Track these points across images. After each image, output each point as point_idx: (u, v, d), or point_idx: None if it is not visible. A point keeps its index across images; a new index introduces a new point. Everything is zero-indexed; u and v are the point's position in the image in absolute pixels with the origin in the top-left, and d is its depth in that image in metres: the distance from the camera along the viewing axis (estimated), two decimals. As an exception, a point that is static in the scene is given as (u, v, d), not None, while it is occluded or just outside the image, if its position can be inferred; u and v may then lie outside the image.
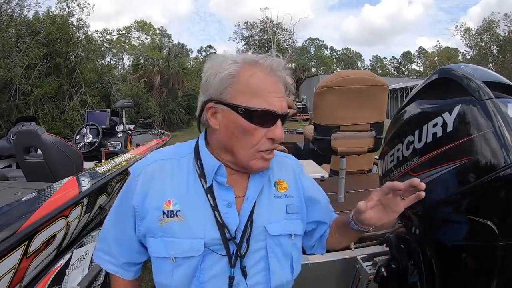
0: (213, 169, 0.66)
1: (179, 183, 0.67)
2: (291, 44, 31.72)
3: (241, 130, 0.62)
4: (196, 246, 0.62)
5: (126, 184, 0.71)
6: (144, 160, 0.72)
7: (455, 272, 0.81)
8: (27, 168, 2.03)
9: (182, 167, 0.69)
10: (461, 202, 0.71)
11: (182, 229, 0.63)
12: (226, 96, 0.62)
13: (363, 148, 1.77)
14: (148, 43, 23.29)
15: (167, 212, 0.64)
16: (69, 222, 1.35)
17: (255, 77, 0.61)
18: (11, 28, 10.10)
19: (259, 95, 0.61)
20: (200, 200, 0.65)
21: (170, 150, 0.73)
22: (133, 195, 0.67)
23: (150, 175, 0.67)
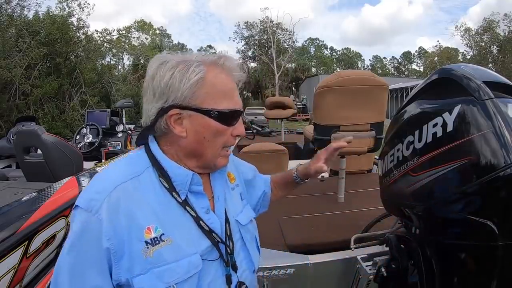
0: (187, 180, 0.62)
1: (149, 205, 0.58)
2: (291, 44, 31.74)
3: (213, 133, 0.61)
4: (195, 263, 0.59)
5: (78, 224, 0.55)
6: (95, 188, 0.58)
7: (455, 272, 0.81)
8: (27, 168, 2.03)
9: (145, 186, 0.60)
10: (461, 202, 0.71)
11: (174, 251, 0.58)
12: (195, 101, 0.59)
13: (363, 148, 1.77)
14: (148, 43, 23.30)
15: (151, 241, 0.56)
16: (69, 222, 1.35)
17: (219, 78, 0.61)
18: (11, 28, 10.10)
19: (228, 96, 0.62)
20: (178, 215, 0.61)
21: (122, 170, 0.61)
22: (101, 237, 0.54)
23: (116, 205, 0.55)
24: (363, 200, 1.94)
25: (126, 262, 0.55)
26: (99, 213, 0.54)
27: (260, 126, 6.58)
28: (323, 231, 1.55)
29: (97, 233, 0.54)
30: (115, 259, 0.55)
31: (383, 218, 1.34)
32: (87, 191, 0.59)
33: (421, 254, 0.89)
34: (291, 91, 33.80)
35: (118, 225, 0.55)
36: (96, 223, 0.54)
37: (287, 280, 1.17)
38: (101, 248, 0.54)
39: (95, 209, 0.55)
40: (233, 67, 0.64)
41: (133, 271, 0.55)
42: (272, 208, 1.85)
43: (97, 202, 0.55)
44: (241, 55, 35.23)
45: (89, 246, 0.55)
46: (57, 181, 1.48)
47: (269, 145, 2.57)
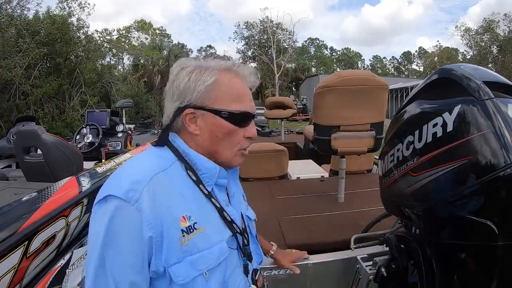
0: (215, 173, 0.67)
1: (181, 195, 0.62)
2: (291, 44, 31.73)
3: (225, 132, 0.66)
4: (223, 249, 0.64)
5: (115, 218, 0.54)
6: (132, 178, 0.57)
7: (455, 272, 0.81)
8: (27, 168, 2.03)
9: (174, 177, 0.63)
10: (461, 202, 0.71)
11: (206, 239, 0.62)
12: (208, 102, 0.64)
13: (363, 148, 1.77)
14: (148, 43, 23.31)
15: (186, 229, 0.59)
16: (69, 222, 1.35)
17: (233, 82, 0.66)
18: (11, 28, 10.10)
19: (241, 100, 0.67)
20: (205, 205, 0.65)
21: (152, 162, 0.63)
22: (142, 226, 0.54)
23: (158, 194, 0.57)
24: (363, 200, 1.94)
25: (165, 251, 0.57)
26: (138, 203, 0.55)
27: (260, 126, 6.59)
28: (323, 231, 1.55)
29: (139, 223, 0.54)
30: (156, 248, 0.56)
31: (383, 218, 1.34)
32: (119, 181, 0.58)
33: (421, 254, 0.89)
34: (291, 91, 33.79)
35: (158, 214, 0.56)
36: (136, 213, 0.54)
37: (287, 280, 1.17)
38: (143, 238, 0.55)
39: (134, 199, 0.55)
40: (247, 74, 0.69)
41: (170, 261, 0.57)
42: (272, 208, 1.85)
43: (135, 192, 0.55)
44: (241, 55, 35.25)
45: (130, 237, 0.54)
46: (57, 181, 1.48)
47: (269, 145, 2.58)
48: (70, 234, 1.38)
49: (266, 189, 2.23)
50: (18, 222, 1.11)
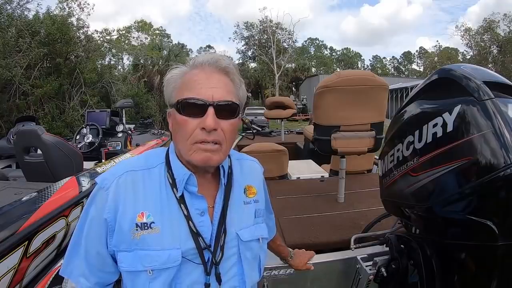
0: (183, 179, 0.66)
1: (151, 195, 0.66)
2: (291, 44, 31.73)
3: (177, 124, 0.65)
4: (174, 257, 0.62)
5: (94, 197, 0.67)
6: (112, 171, 0.68)
7: (455, 272, 0.81)
8: (27, 168, 2.03)
9: (153, 178, 0.67)
10: (461, 202, 0.71)
11: (158, 241, 0.63)
12: (172, 99, 0.67)
13: (363, 148, 1.77)
14: (147, 43, 23.31)
15: (141, 225, 0.63)
16: (69, 222, 1.35)
17: (191, 73, 0.66)
18: (11, 28, 10.10)
19: (190, 88, 0.64)
20: (173, 210, 0.65)
21: (140, 160, 0.71)
22: (104, 208, 0.64)
23: (122, 187, 0.65)
24: (363, 200, 1.94)
25: (116, 236, 0.64)
26: (108, 191, 0.65)
27: (260, 126, 6.58)
28: (323, 231, 1.55)
29: (102, 205, 0.65)
30: (109, 230, 0.64)
31: (383, 218, 1.34)
32: (107, 172, 0.69)
33: (421, 254, 0.89)
34: (291, 91, 33.78)
35: (116, 203, 0.64)
36: (104, 197, 0.65)
37: (287, 280, 1.17)
38: (102, 218, 0.64)
39: (106, 187, 0.65)
40: (207, 59, 0.66)
41: (120, 246, 0.64)
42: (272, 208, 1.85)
43: (108, 181, 0.66)
44: (241, 55, 35.28)
45: (97, 215, 0.65)
46: (57, 181, 1.48)
47: (269, 145, 2.57)
48: (70, 234, 1.37)
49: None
50: (18, 222, 1.11)
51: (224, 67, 0.66)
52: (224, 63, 0.66)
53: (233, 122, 0.65)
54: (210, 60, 0.65)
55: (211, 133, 0.62)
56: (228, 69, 0.66)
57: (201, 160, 0.63)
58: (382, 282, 1.06)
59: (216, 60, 0.66)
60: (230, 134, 0.65)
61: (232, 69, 0.67)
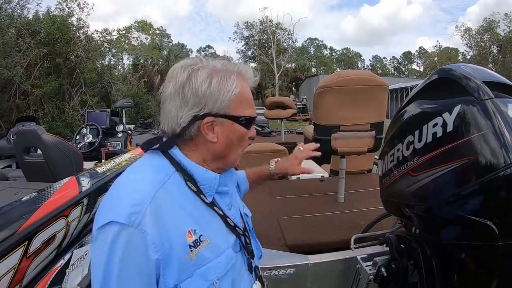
0: (215, 183, 0.66)
1: (183, 209, 0.59)
2: (291, 44, 31.74)
3: (240, 137, 0.67)
4: (230, 256, 0.64)
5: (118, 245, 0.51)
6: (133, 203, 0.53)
7: (455, 272, 0.81)
8: (27, 168, 2.03)
9: (175, 191, 0.60)
10: (461, 202, 0.71)
11: (213, 249, 0.61)
12: (229, 110, 0.63)
13: (363, 148, 1.77)
14: (148, 43, 23.31)
15: (193, 244, 0.57)
16: (69, 222, 1.35)
17: (244, 86, 0.66)
18: (11, 28, 10.10)
19: (250, 104, 0.68)
20: (208, 215, 0.64)
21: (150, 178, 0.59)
22: (148, 249, 0.52)
23: (161, 213, 0.55)
24: (363, 200, 1.94)
25: (174, 269, 0.55)
26: (141, 226, 0.52)
27: (260, 126, 6.59)
28: (323, 231, 1.55)
29: (144, 247, 0.52)
30: (163, 268, 0.54)
31: (383, 218, 1.34)
32: (118, 205, 0.54)
33: (421, 254, 0.89)
34: (291, 91, 33.78)
35: (163, 234, 0.54)
36: (140, 237, 0.52)
37: (287, 280, 1.17)
38: (151, 261, 0.52)
39: (137, 222, 0.52)
40: (251, 76, 0.68)
41: (181, 277, 0.55)
42: (272, 208, 1.85)
43: (138, 214, 0.52)
44: (241, 55, 35.24)
45: (138, 263, 0.52)
46: (57, 181, 1.48)
47: (269, 145, 2.57)
48: (70, 234, 1.38)
49: (266, 189, 2.23)
50: (18, 222, 1.11)
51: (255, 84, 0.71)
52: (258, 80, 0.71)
53: None
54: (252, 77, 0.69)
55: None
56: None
57: (237, 164, 0.72)
58: (382, 282, 1.06)
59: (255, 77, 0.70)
60: None
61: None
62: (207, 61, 0.64)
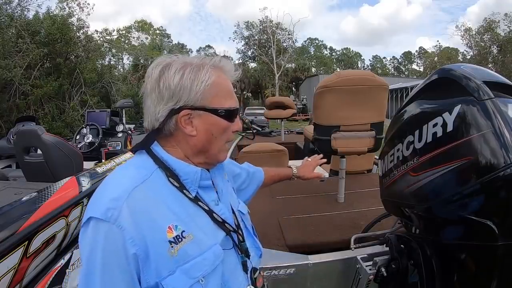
0: (197, 177, 0.64)
1: (165, 205, 0.59)
2: (291, 44, 31.73)
3: (220, 130, 0.66)
4: (218, 252, 0.62)
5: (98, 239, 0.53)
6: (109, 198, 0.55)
7: (455, 272, 0.81)
8: (27, 168, 2.03)
9: (157, 187, 0.60)
10: (461, 202, 0.71)
11: (197, 246, 0.59)
12: (206, 101, 0.63)
13: (363, 148, 1.77)
14: (148, 43, 23.31)
15: (174, 240, 0.57)
16: (69, 222, 1.35)
17: (223, 79, 0.66)
18: (11, 28, 10.10)
19: (229, 96, 0.67)
20: (193, 210, 0.63)
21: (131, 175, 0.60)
22: (126, 243, 0.53)
23: (136, 209, 0.55)
24: (363, 200, 1.94)
25: (153, 265, 0.55)
26: (118, 221, 0.53)
27: (260, 126, 6.58)
28: (323, 231, 1.55)
29: (122, 241, 0.53)
30: (142, 264, 0.54)
31: (383, 218, 1.34)
32: (98, 201, 0.56)
33: (421, 254, 0.89)
34: (291, 91, 33.79)
35: (140, 229, 0.54)
36: (118, 232, 0.53)
37: (287, 280, 1.17)
38: (128, 255, 0.53)
39: (114, 217, 0.53)
40: (230, 69, 0.69)
41: (162, 274, 0.55)
42: (272, 208, 1.85)
43: (114, 210, 0.53)
44: (241, 55, 35.26)
45: (117, 257, 0.53)
46: (57, 181, 1.48)
47: (269, 145, 2.57)
48: (70, 234, 1.38)
49: (266, 189, 2.23)
50: (18, 222, 1.11)
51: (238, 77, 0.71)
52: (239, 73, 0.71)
53: None
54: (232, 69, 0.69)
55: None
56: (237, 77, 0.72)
57: (225, 158, 0.72)
58: (382, 282, 1.06)
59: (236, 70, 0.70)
60: None
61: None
62: (182, 56, 0.66)
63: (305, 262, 1.19)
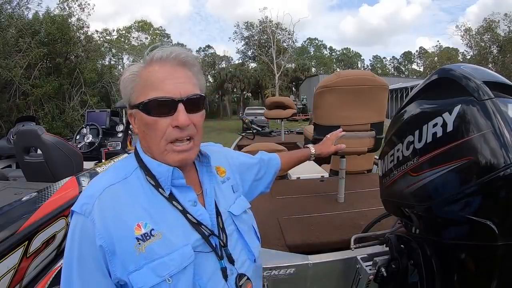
0: (168, 175, 0.63)
1: (139, 203, 0.61)
2: (291, 44, 31.74)
3: (146, 126, 0.62)
4: (187, 253, 0.60)
5: (75, 229, 0.59)
6: (87, 193, 0.62)
7: (455, 272, 0.81)
8: (27, 168, 2.03)
9: (134, 186, 0.63)
10: (461, 202, 0.71)
11: (165, 245, 0.59)
12: (133, 99, 0.63)
13: (363, 148, 1.77)
14: (147, 42, 23.31)
15: (141, 237, 0.58)
16: (69, 222, 1.35)
17: (151, 70, 0.62)
18: (11, 28, 10.10)
19: (154, 86, 0.61)
20: (167, 210, 0.63)
21: (111, 174, 0.65)
22: (95, 236, 0.57)
23: (106, 206, 0.59)
24: (363, 200, 1.94)
25: (119, 259, 0.57)
26: (91, 215, 0.58)
27: (260, 126, 6.59)
28: (323, 231, 1.55)
29: (92, 233, 0.57)
30: (108, 256, 0.57)
31: (383, 218, 1.34)
32: (81, 196, 0.62)
33: (421, 254, 0.89)
34: (291, 91, 33.79)
35: (107, 224, 0.58)
36: (90, 225, 0.58)
37: (287, 280, 1.17)
38: (96, 247, 0.57)
39: (88, 212, 0.59)
40: (161, 55, 0.62)
41: (128, 268, 0.57)
42: (272, 208, 1.85)
43: (88, 205, 0.59)
44: (241, 55, 35.28)
45: (90, 247, 0.57)
46: (57, 181, 1.48)
47: (269, 145, 2.58)
48: (70, 234, 1.38)
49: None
50: (18, 222, 1.11)
51: (185, 60, 0.64)
52: (183, 56, 0.64)
53: (202, 114, 0.66)
54: (170, 54, 0.62)
55: (185, 130, 0.62)
56: (189, 61, 0.65)
57: (178, 162, 0.64)
58: (382, 282, 1.06)
59: (177, 54, 0.63)
60: (200, 125, 0.66)
61: (192, 61, 0.65)
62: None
63: (305, 262, 1.19)
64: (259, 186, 0.94)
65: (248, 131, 5.41)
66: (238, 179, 0.84)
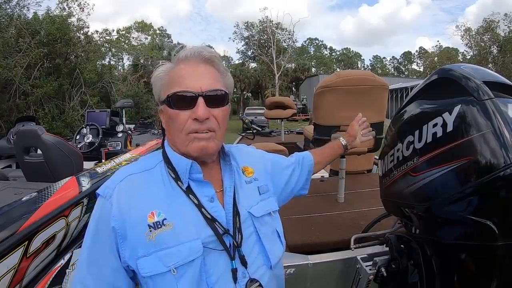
0: (186, 169, 0.66)
1: (156, 193, 0.65)
2: (291, 44, 31.73)
3: (169, 119, 0.67)
4: (195, 248, 0.60)
5: (97, 209, 0.66)
6: (112, 179, 0.67)
7: (455, 272, 0.81)
8: (27, 168, 2.03)
9: (155, 177, 0.67)
10: (461, 202, 0.71)
11: (175, 236, 0.61)
12: (161, 96, 0.68)
13: (363, 148, 1.77)
14: (147, 43, 23.33)
15: (153, 225, 0.61)
16: (69, 222, 1.35)
17: (176, 69, 0.68)
18: (11, 28, 10.10)
19: (178, 82, 0.65)
20: (182, 202, 0.64)
21: (137, 165, 0.71)
22: (110, 217, 0.62)
23: (124, 192, 0.64)
24: (363, 200, 1.94)
25: (130, 242, 0.61)
26: (111, 198, 0.64)
27: (260, 126, 6.59)
28: (323, 231, 1.55)
29: (108, 214, 0.63)
30: (119, 238, 0.62)
31: (383, 218, 1.34)
32: (107, 181, 0.68)
33: (421, 254, 0.89)
34: (291, 91, 33.80)
35: (121, 209, 0.62)
36: (108, 207, 0.63)
37: (287, 280, 1.16)
38: (109, 227, 0.62)
39: (108, 195, 0.64)
40: (186, 53, 0.68)
41: (137, 253, 0.61)
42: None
43: (110, 189, 0.65)
44: (241, 55, 35.29)
45: (104, 225, 0.63)
46: (57, 181, 1.48)
47: (269, 145, 2.57)
48: (70, 234, 1.38)
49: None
50: (18, 222, 1.11)
51: (208, 57, 0.68)
52: (207, 54, 0.67)
53: (224, 109, 0.68)
54: (194, 52, 0.67)
55: (204, 122, 0.64)
56: (212, 58, 0.68)
57: (198, 149, 0.65)
58: (382, 282, 1.06)
59: (199, 51, 0.67)
60: (223, 120, 0.68)
61: (215, 59, 0.69)
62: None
63: (305, 262, 1.19)
64: (295, 187, 0.93)
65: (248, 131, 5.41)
66: (269, 181, 0.83)
